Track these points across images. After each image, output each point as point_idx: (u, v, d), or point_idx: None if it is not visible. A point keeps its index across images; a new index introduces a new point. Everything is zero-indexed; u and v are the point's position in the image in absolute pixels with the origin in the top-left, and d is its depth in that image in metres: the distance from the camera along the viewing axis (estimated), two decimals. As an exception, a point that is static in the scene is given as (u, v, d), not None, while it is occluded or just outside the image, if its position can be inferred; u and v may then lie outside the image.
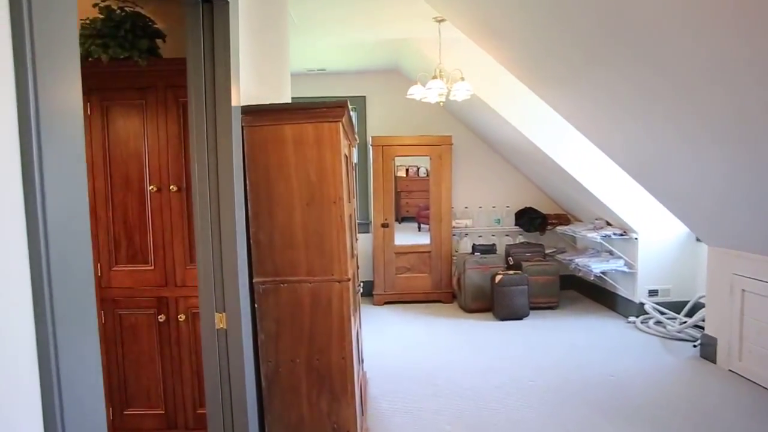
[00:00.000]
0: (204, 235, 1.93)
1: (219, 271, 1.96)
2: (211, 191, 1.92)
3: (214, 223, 1.93)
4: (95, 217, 2.81)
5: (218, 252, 1.96)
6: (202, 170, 1.91)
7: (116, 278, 2.83)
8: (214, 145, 1.91)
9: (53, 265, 0.79)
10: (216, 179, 1.91)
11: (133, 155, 2.77)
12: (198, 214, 1.93)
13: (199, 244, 1.95)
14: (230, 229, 1.93)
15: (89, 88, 2.74)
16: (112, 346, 2.86)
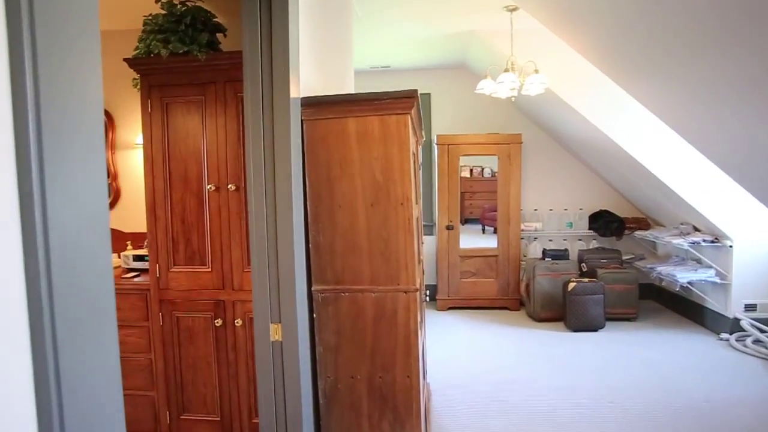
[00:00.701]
0: (259, 237, 1.77)
1: (274, 277, 1.79)
2: (267, 190, 1.76)
3: (270, 225, 1.77)
4: (154, 217, 2.74)
5: (274, 257, 1.79)
6: (258, 167, 1.75)
7: (174, 280, 2.75)
8: (270, 139, 1.75)
9: (57, 280, 0.62)
10: (273, 177, 1.75)
11: (191, 153, 2.68)
12: (253, 214, 1.77)
13: (254, 248, 1.79)
14: (287, 232, 1.76)
15: (150, 85, 2.68)
16: (170, 348, 2.78)
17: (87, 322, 0.70)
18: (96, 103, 0.73)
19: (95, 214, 0.72)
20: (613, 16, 2.69)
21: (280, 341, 1.79)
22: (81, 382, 0.68)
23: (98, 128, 0.74)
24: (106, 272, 0.74)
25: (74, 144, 0.68)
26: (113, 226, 3.50)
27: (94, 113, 0.72)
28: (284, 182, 1.75)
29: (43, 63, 0.62)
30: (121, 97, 3.43)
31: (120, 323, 2.73)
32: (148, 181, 2.73)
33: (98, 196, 0.73)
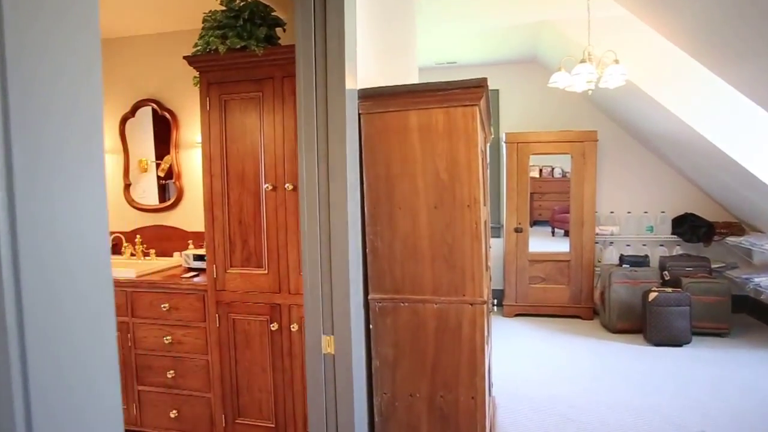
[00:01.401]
0: (311, 241, 1.64)
1: (327, 285, 1.65)
2: (320, 190, 1.62)
3: (323, 227, 1.63)
4: (212, 217, 2.69)
5: (327, 262, 1.65)
6: (311, 164, 1.62)
7: (231, 281, 2.68)
8: (324, 134, 1.61)
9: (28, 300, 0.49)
10: (326, 175, 1.61)
11: (249, 151, 2.60)
12: (305, 216, 1.64)
13: (305, 253, 1.66)
14: (342, 236, 1.61)
15: (208, 82, 2.63)
16: (226, 351, 2.73)
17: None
18: (92, 105, 0.60)
19: (94, 223, 0.59)
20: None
21: (333, 355, 1.64)
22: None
23: (94, 134, 0.61)
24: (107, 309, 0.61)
25: (59, 149, 0.55)
26: (176, 225, 3.51)
27: (88, 116, 0.59)
28: (339, 181, 1.60)
29: (13, 56, 0.49)
30: (184, 96, 3.44)
31: (179, 323, 2.70)
32: (206, 181, 2.69)
33: (90, 215, 0.59)
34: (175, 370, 2.87)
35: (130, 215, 3.66)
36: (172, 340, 2.85)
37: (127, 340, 2.95)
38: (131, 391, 2.98)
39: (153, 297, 2.87)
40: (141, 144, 3.60)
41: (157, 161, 3.54)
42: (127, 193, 3.65)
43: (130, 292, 2.92)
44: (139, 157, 3.61)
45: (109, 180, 3.71)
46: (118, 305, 2.95)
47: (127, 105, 3.59)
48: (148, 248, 3.54)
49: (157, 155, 3.59)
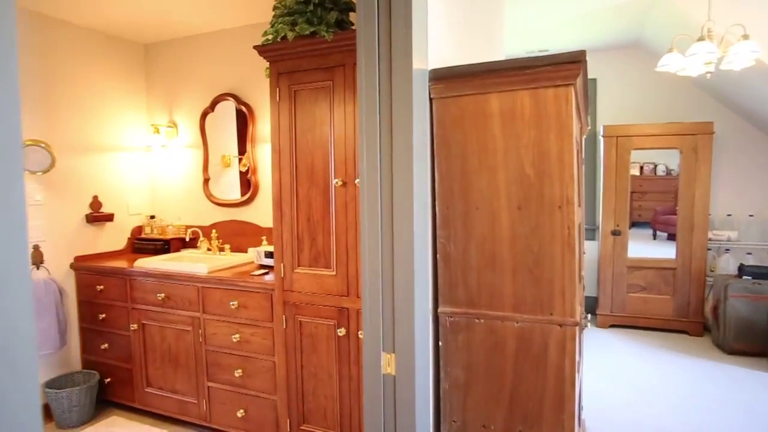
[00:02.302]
0: (371, 243, 1.43)
1: (389, 293, 1.44)
2: (383, 185, 1.41)
3: (386, 228, 1.42)
4: (280, 213, 2.57)
5: (390, 267, 1.44)
6: (372, 156, 1.41)
7: (298, 281, 2.55)
8: (388, 121, 1.40)
9: None
10: (390, 169, 1.40)
11: (318, 144, 2.45)
12: (365, 215, 1.44)
13: (365, 256, 1.46)
14: (408, 238, 1.39)
15: (278, 72, 2.51)
16: (292, 354, 2.60)
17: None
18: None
19: None
20: None
21: (393, 376, 1.43)
22: None
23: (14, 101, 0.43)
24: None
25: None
26: (251, 220, 3.47)
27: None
28: (404, 176, 1.38)
29: None
30: (260, 89, 3.38)
31: (247, 321, 2.60)
32: (275, 175, 2.57)
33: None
34: (242, 369, 2.80)
35: (208, 210, 3.68)
36: (240, 339, 2.78)
37: (198, 336, 2.93)
38: (202, 387, 2.96)
39: (222, 294, 2.82)
40: (221, 139, 3.59)
41: (239, 156, 3.51)
42: (206, 187, 3.66)
43: (201, 288, 2.89)
44: (219, 151, 3.61)
45: (190, 174, 3.75)
46: (190, 300, 2.93)
47: (206, 100, 3.59)
48: (223, 243, 3.53)
49: (238, 150, 3.57)
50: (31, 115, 3.14)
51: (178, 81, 3.74)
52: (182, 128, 3.76)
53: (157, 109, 3.85)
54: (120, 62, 3.69)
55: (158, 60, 3.82)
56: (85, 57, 3.45)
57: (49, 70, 3.23)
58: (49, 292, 3.17)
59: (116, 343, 3.27)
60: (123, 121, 3.72)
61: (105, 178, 3.59)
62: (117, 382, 3.31)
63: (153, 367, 3.14)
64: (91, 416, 3.26)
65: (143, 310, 3.12)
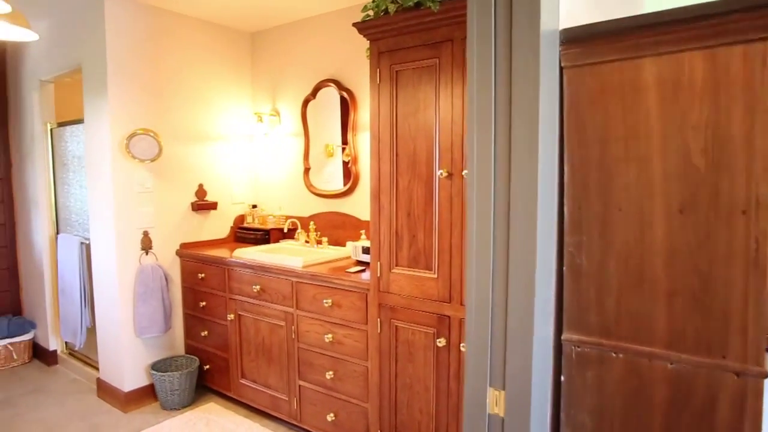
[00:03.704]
0: (481, 248, 1.15)
1: (501, 313, 1.15)
2: (497, 177, 1.11)
3: (500, 230, 1.12)
4: (378, 206, 2.35)
5: (503, 280, 1.14)
6: (484, 141, 1.12)
7: (395, 282, 2.32)
8: (506, 99, 1.09)
9: None
10: (507, 157, 1.10)
11: (421, 130, 2.19)
12: (473, 213, 1.15)
13: (472, 264, 1.17)
14: (529, 244, 1.09)
15: (379, 51, 2.27)
16: (386, 361, 2.38)
17: None
18: None
19: None
20: None
21: (502, 417, 1.14)
22: None
23: None
24: None
25: None
26: (350, 212, 3.30)
27: None
28: (527, 166, 1.08)
29: None
30: (362, 74, 3.18)
31: (340, 322, 2.40)
32: (374, 165, 2.35)
33: None
34: (334, 371, 2.63)
35: (307, 200, 3.57)
36: (332, 340, 2.61)
37: (291, 332, 2.81)
38: (293, 385, 2.84)
39: (316, 290, 2.67)
40: (322, 127, 3.46)
41: (342, 146, 3.35)
42: (306, 177, 3.55)
43: (295, 283, 2.76)
44: (320, 140, 3.48)
45: (291, 164, 3.67)
46: (284, 295, 2.82)
47: (308, 87, 3.48)
48: (321, 236, 3.40)
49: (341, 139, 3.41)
50: (142, 105, 3.20)
51: (282, 68, 3.66)
52: (285, 116, 3.68)
53: (261, 97, 3.82)
54: (227, 51, 3.69)
55: (264, 48, 3.77)
56: (194, 47, 3.48)
57: (159, 60, 3.28)
58: (156, 277, 3.24)
59: (215, 332, 3.28)
60: (228, 109, 3.72)
61: (210, 166, 3.62)
62: (215, 370, 3.32)
63: (248, 359, 3.10)
64: (191, 400, 3.30)
65: (240, 300, 3.08)
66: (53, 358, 4.02)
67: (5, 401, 3.43)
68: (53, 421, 3.13)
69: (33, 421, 3.14)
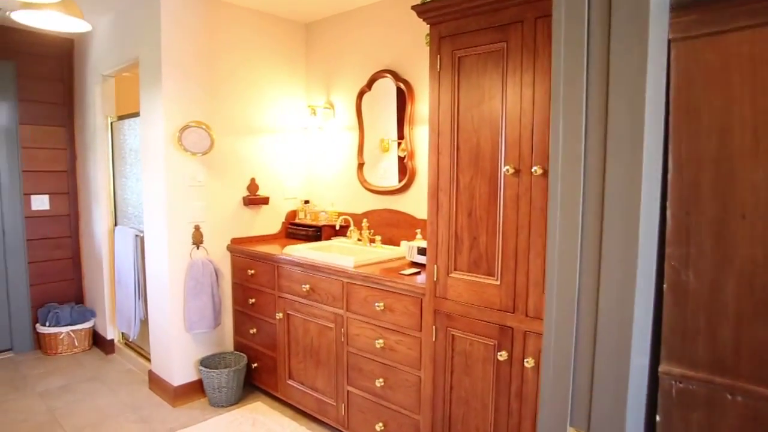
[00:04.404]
0: (565, 258, 0.95)
1: (588, 336, 0.95)
2: (588, 175, 0.91)
3: (590, 238, 0.92)
4: (436, 204, 2.17)
5: (592, 298, 0.95)
6: (573, 134, 0.92)
7: (453, 287, 2.14)
8: (601, 80, 0.89)
9: None
10: (602, 151, 0.89)
11: (486, 122, 1.99)
12: (556, 217, 0.96)
13: (553, 276, 0.98)
14: (628, 256, 0.89)
15: (439, 36, 2.09)
16: (441, 371, 2.21)
17: None
18: None
19: None
20: None
21: (588, 467, 0.94)
22: None
23: None
24: None
25: None
26: (406, 210, 3.14)
27: None
28: (625, 162, 0.87)
29: None
30: (420, 64, 3.00)
31: (392, 327, 2.23)
32: (432, 159, 2.18)
33: None
34: (384, 379, 2.48)
35: (360, 196, 3.44)
36: (383, 345, 2.46)
37: (341, 335, 2.68)
38: (341, 390, 2.71)
39: (367, 292, 2.52)
40: (377, 120, 3.31)
41: (398, 140, 3.18)
42: (359, 172, 3.42)
43: (346, 284, 2.62)
44: (375, 133, 3.33)
45: (344, 158, 3.54)
46: (334, 296, 2.69)
47: (363, 78, 3.33)
48: (374, 234, 3.25)
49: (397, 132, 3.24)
50: (195, 98, 3.16)
51: (337, 59, 3.54)
52: (339, 109, 3.56)
53: (315, 89, 3.71)
54: (282, 42, 3.60)
55: (318, 38, 3.66)
56: (248, 38, 3.41)
57: (213, 52, 3.23)
58: (206, 272, 3.19)
59: (263, 330, 3.20)
60: (282, 102, 3.64)
61: (262, 160, 3.55)
62: (263, 369, 3.25)
63: (296, 360, 2.99)
64: (238, 398, 3.24)
65: (289, 299, 2.98)
66: (111, 347, 4.10)
67: (66, 387, 3.50)
68: (107, 411, 3.15)
69: (88, 410, 3.17)
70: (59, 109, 4.24)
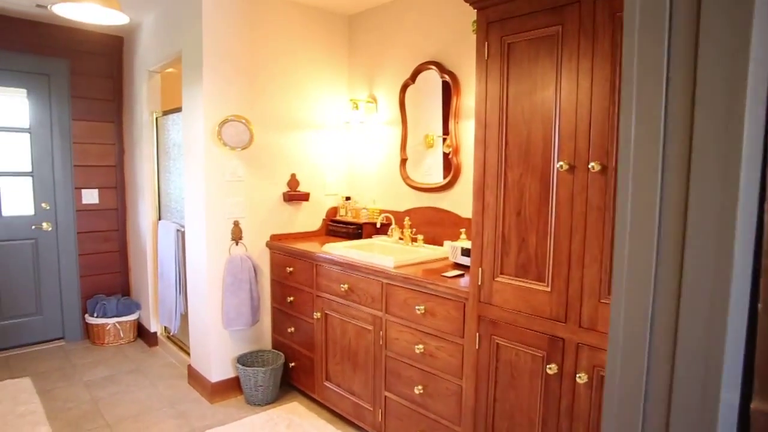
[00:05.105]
0: (638, 270, 0.80)
1: (664, 364, 0.79)
2: (668, 175, 0.76)
3: (670, 248, 0.77)
4: (482, 203, 2.02)
5: (669, 315, 0.79)
6: (648, 123, 0.76)
7: (499, 293, 1.98)
8: (687, 55, 0.73)
9: None
10: (688, 146, 0.73)
11: (537, 114, 1.83)
12: (626, 221, 0.81)
13: (620, 290, 0.84)
14: (716, 270, 0.73)
15: (487, 21, 1.94)
16: (484, 382, 2.06)
17: None
18: None
19: None
20: None
21: None
22: None
23: None
24: None
25: None
26: (449, 208, 2.99)
27: None
28: (714, 156, 0.71)
29: None
30: (467, 55, 2.84)
31: (433, 332, 2.09)
32: (478, 154, 2.03)
33: None
34: (423, 386, 2.35)
35: (403, 193, 3.31)
36: (423, 351, 2.33)
37: (379, 338, 2.57)
38: (378, 395, 2.60)
39: (408, 294, 2.39)
40: (421, 114, 3.17)
41: (444, 135, 3.03)
42: (402, 169, 3.29)
43: (385, 285, 2.51)
44: (418, 128, 3.20)
45: (387, 154, 3.43)
46: (373, 297, 2.58)
47: (407, 71, 3.20)
48: (416, 233, 3.12)
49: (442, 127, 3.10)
50: (235, 91, 3.11)
51: (380, 51, 3.42)
52: (381, 103, 3.44)
53: (357, 83, 3.61)
54: (324, 35, 3.52)
55: (361, 30, 3.56)
56: (290, 31, 3.34)
57: (254, 45, 3.18)
58: (245, 269, 3.15)
59: (301, 329, 3.13)
60: (323, 96, 3.55)
61: (303, 155, 3.48)
62: (300, 369, 3.18)
63: (333, 361, 2.91)
64: (275, 397, 3.19)
65: (326, 299, 2.89)
66: (154, 339, 4.14)
67: (109, 378, 3.55)
68: (146, 404, 3.17)
69: (129, 402, 3.19)
70: (109, 105, 4.32)
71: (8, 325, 4.01)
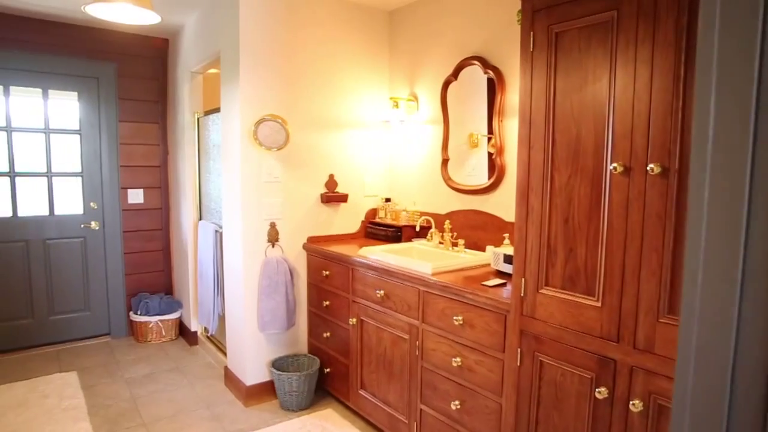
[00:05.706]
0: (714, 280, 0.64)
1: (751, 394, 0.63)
2: (757, 177, 0.60)
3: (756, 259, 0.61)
4: (525, 207, 1.86)
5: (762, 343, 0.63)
6: (728, 117, 0.61)
7: (543, 306, 1.82)
8: None
9: None
10: None
11: (588, 111, 1.66)
12: (700, 229, 0.65)
13: (693, 306, 0.68)
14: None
15: (533, 9, 1.78)
16: (525, 401, 1.90)
17: None
18: None
19: None
20: None
21: None
22: None
23: None
24: None
25: None
26: (493, 212, 2.83)
27: None
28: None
29: None
30: (512, 50, 2.67)
31: (472, 344, 1.88)
32: (522, 154, 1.87)
33: None
34: (461, 402, 2.21)
35: (444, 195, 3.17)
36: (461, 364, 2.19)
37: (415, 348, 2.44)
38: (414, 407, 2.48)
39: (446, 304, 2.26)
40: (464, 112, 3.02)
41: (488, 135, 2.87)
42: (443, 169, 3.15)
43: (422, 292, 2.38)
44: (460, 127, 3.05)
45: (428, 154, 3.29)
46: (410, 305, 2.45)
47: (449, 67, 3.05)
48: (457, 237, 2.97)
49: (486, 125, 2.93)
50: (272, 90, 3.05)
51: (421, 48, 3.29)
52: (422, 101, 3.31)
53: (398, 80, 3.49)
54: (364, 32, 3.42)
55: (402, 26, 3.44)
56: (328, 28, 3.25)
57: (291, 43, 3.11)
58: (281, 271, 3.09)
59: (337, 334, 3.04)
60: (362, 94, 3.45)
61: (341, 156, 3.39)
62: (335, 375, 3.09)
63: (368, 369, 2.80)
64: (309, 403, 3.12)
65: (362, 305, 2.79)
66: (194, 338, 4.17)
67: (149, 376, 3.58)
68: (182, 404, 3.16)
69: (166, 401, 3.20)
70: (154, 107, 4.38)
71: (60, 320, 4.13)
